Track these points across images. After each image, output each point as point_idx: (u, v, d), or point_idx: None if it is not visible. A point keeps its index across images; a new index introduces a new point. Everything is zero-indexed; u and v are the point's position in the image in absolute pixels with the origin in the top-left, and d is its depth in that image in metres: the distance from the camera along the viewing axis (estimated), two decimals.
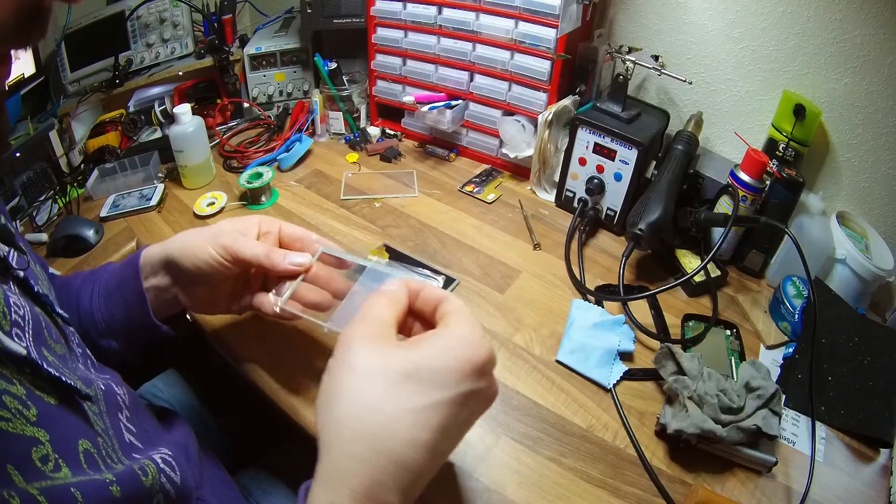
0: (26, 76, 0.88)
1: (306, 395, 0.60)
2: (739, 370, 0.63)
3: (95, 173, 0.93)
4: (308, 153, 1.01)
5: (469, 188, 0.94)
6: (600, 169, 0.83)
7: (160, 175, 0.94)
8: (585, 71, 0.91)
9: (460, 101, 0.97)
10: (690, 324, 0.72)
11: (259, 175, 0.88)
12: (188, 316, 0.69)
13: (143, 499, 0.38)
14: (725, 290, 0.78)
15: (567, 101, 0.88)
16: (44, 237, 0.82)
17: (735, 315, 0.74)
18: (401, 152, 1.03)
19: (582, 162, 0.85)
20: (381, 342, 0.36)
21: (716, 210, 0.78)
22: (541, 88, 0.89)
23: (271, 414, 0.61)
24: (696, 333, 0.69)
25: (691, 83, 0.84)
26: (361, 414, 0.33)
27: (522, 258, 0.80)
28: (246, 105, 1.12)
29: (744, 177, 0.75)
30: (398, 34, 0.98)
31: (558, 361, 0.65)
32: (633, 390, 0.63)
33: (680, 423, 0.54)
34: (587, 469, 0.55)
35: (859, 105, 0.76)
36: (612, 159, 0.81)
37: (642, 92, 0.96)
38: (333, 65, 1.01)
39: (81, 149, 0.99)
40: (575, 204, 0.88)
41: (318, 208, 0.89)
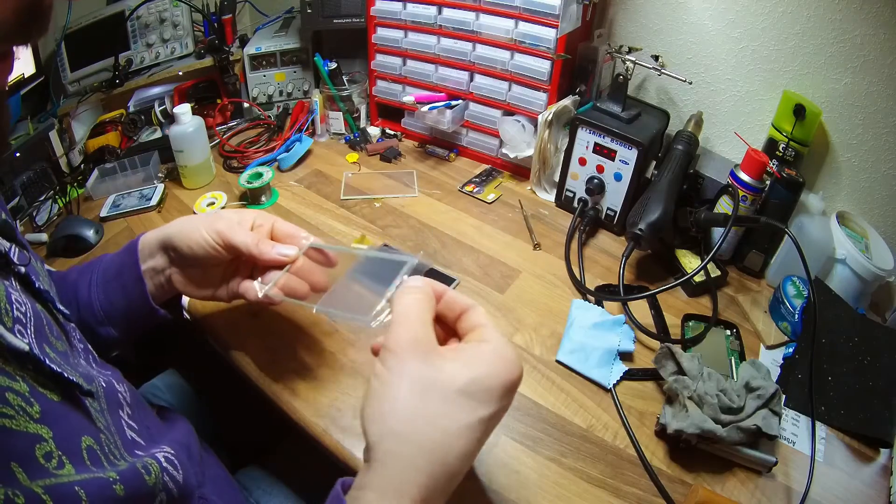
0: (26, 76, 0.88)
1: (306, 396, 0.60)
2: (739, 370, 0.63)
3: (95, 173, 0.93)
4: (308, 153, 1.01)
5: (469, 188, 0.94)
6: (600, 169, 0.83)
7: (160, 175, 0.94)
8: (585, 71, 0.91)
9: (460, 101, 0.97)
10: (690, 324, 0.72)
11: (259, 175, 0.88)
12: (187, 316, 0.69)
13: (147, 497, 0.38)
14: (725, 290, 0.78)
15: (567, 101, 0.88)
16: (44, 237, 0.82)
17: (735, 315, 0.74)
18: (401, 152, 1.03)
19: (582, 162, 0.85)
20: (430, 352, 0.37)
21: (716, 210, 0.78)
22: (541, 88, 0.89)
23: (271, 414, 0.61)
24: (696, 333, 0.69)
25: (691, 83, 0.84)
26: (422, 429, 0.34)
27: (522, 258, 0.80)
28: (246, 105, 1.12)
29: (744, 177, 0.75)
30: (398, 34, 0.98)
31: (558, 361, 0.65)
32: (633, 390, 0.63)
33: (680, 423, 0.54)
34: (587, 469, 0.55)
35: (859, 105, 0.76)
36: (612, 159, 0.81)
37: (642, 92, 0.96)
38: (333, 65, 1.01)
39: (81, 149, 0.99)
40: (575, 204, 0.88)
41: (318, 208, 0.89)
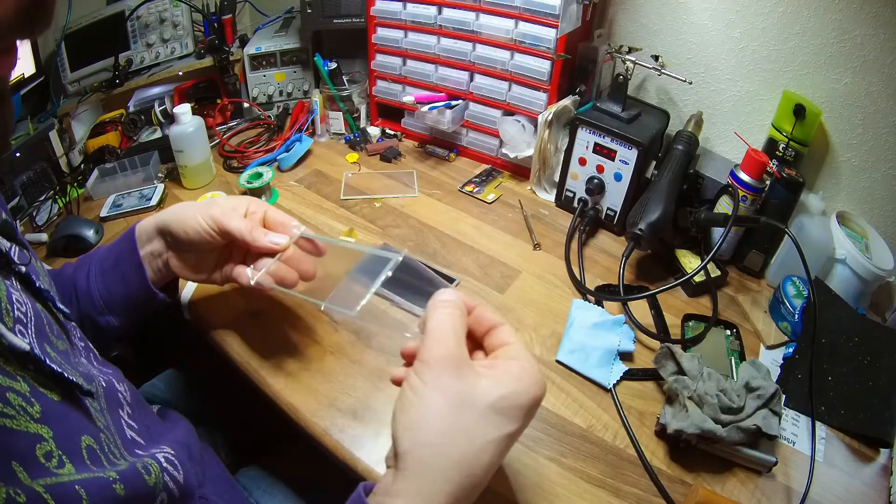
0: (26, 76, 0.88)
1: (306, 396, 0.60)
2: (739, 370, 0.63)
3: (95, 173, 0.93)
4: (308, 153, 1.01)
5: (469, 188, 0.94)
6: (600, 169, 0.83)
7: (160, 175, 0.94)
8: (585, 71, 0.91)
9: (460, 101, 0.97)
10: (690, 324, 0.72)
11: (259, 175, 0.88)
12: (187, 316, 0.69)
13: (147, 497, 0.38)
14: (725, 290, 0.78)
15: (567, 101, 0.88)
16: (44, 237, 0.82)
17: (735, 315, 0.74)
18: (401, 152, 1.03)
19: (582, 162, 0.85)
20: (464, 367, 0.38)
21: (716, 210, 0.78)
22: (541, 88, 0.89)
23: (271, 414, 0.61)
24: (696, 333, 0.69)
25: (691, 83, 0.84)
26: (455, 442, 0.36)
27: (522, 258, 0.80)
28: (246, 105, 1.12)
29: (744, 177, 0.75)
30: (398, 34, 0.98)
31: (558, 361, 0.65)
32: (633, 390, 0.63)
33: (680, 423, 0.54)
34: (587, 469, 0.55)
35: (859, 105, 0.76)
36: (612, 159, 0.81)
37: (642, 92, 0.96)
38: (333, 65, 1.01)
39: (81, 149, 0.99)
40: (575, 204, 0.88)
41: (318, 208, 0.89)
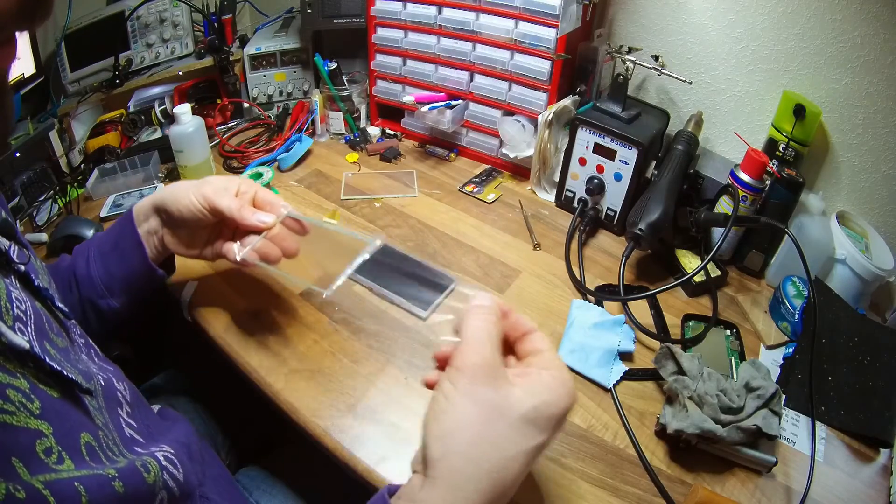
0: (26, 76, 0.88)
1: (306, 396, 0.60)
2: (739, 370, 0.63)
3: (95, 173, 0.93)
4: (308, 153, 1.01)
5: (469, 188, 0.94)
6: (600, 169, 0.83)
7: (160, 175, 0.94)
8: (585, 71, 0.91)
9: (460, 101, 0.97)
10: (690, 324, 0.72)
11: (259, 175, 0.88)
12: (187, 317, 0.69)
13: (147, 496, 0.38)
14: (725, 290, 0.78)
15: (567, 101, 0.88)
16: (44, 237, 0.82)
17: (735, 315, 0.74)
18: (401, 152, 1.03)
19: (582, 162, 0.85)
20: (498, 376, 0.38)
21: (716, 210, 0.78)
22: (541, 88, 0.89)
23: (272, 414, 0.61)
24: (696, 333, 0.69)
25: (691, 83, 0.84)
26: (487, 452, 0.36)
27: (522, 258, 0.80)
28: (246, 105, 1.12)
29: (744, 177, 0.75)
30: (398, 34, 0.98)
31: None
32: (633, 390, 0.63)
33: (680, 423, 0.54)
34: (587, 469, 0.55)
35: (859, 105, 0.76)
36: (612, 159, 0.81)
37: (642, 92, 0.96)
38: (333, 65, 1.01)
39: (81, 149, 0.99)
40: (575, 204, 0.88)
41: (318, 208, 0.89)
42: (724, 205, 0.78)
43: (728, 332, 0.71)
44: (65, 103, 1.01)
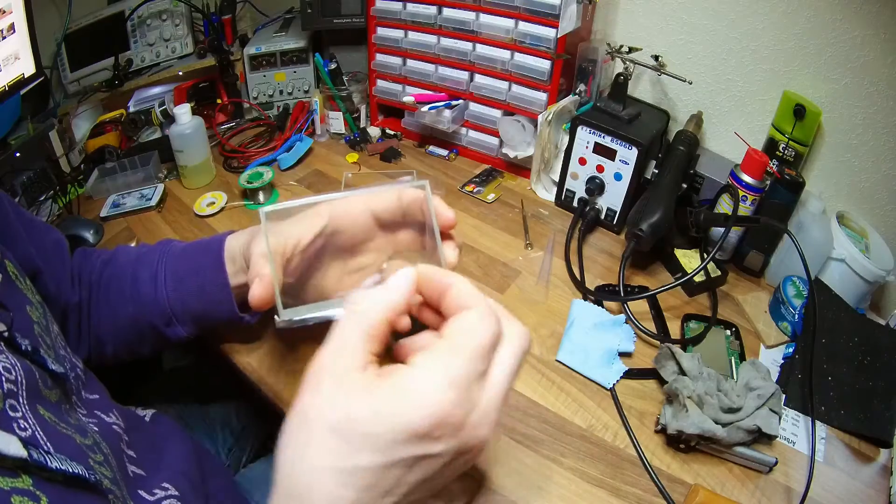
0: (26, 76, 0.88)
1: None
2: (739, 370, 0.63)
3: (95, 173, 0.93)
4: (308, 153, 1.01)
5: (469, 188, 0.94)
6: (600, 169, 0.83)
7: (160, 175, 0.94)
8: (585, 71, 0.91)
9: (460, 101, 0.97)
10: (690, 324, 0.72)
11: (259, 175, 0.88)
12: None
13: None
14: (725, 290, 0.78)
15: (567, 101, 0.88)
16: None
17: (735, 315, 0.74)
18: (401, 152, 1.03)
19: (582, 162, 0.85)
20: (335, 382, 0.29)
21: (716, 210, 0.78)
22: (541, 88, 0.89)
23: (272, 414, 0.61)
24: (696, 333, 0.69)
25: (691, 83, 0.84)
26: (289, 468, 0.29)
27: (522, 258, 0.80)
28: (246, 105, 1.12)
29: (744, 177, 0.75)
30: (398, 34, 0.98)
31: (558, 361, 0.65)
32: (633, 390, 0.63)
33: (680, 423, 0.54)
34: (587, 469, 0.55)
35: (859, 105, 0.76)
36: (612, 159, 0.81)
37: (642, 92, 0.96)
38: (333, 65, 1.01)
39: (81, 149, 0.99)
40: (575, 204, 0.88)
41: None
42: (724, 205, 0.77)
43: (728, 332, 0.71)
44: (65, 103, 1.01)
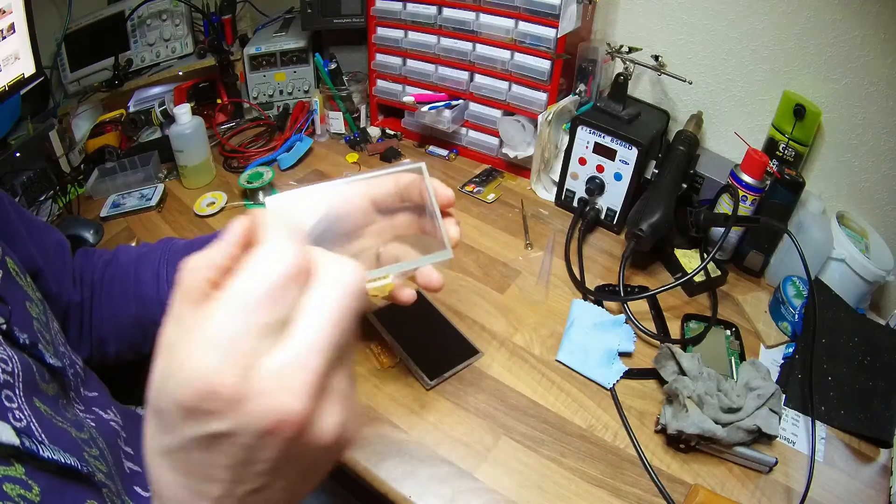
0: (26, 76, 0.88)
1: None
2: (739, 370, 0.63)
3: (95, 173, 0.93)
4: (308, 153, 1.01)
5: (469, 188, 0.94)
6: (600, 169, 0.83)
7: (160, 175, 0.94)
8: (585, 71, 0.91)
9: (460, 101, 0.97)
10: (690, 324, 0.72)
11: (259, 175, 0.88)
12: None
13: None
14: (725, 290, 0.78)
15: (567, 101, 0.88)
16: None
17: (735, 315, 0.74)
18: (401, 152, 1.03)
19: (582, 162, 0.85)
20: (160, 353, 0.24)
21: (716, 210, 0.78)
22: (541, 88, 0.89)
23: None
24: (696, 333, 0.69)
25: (691, 83, 0.84)
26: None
27: (522, 258, 0.80)
28: (246, 105, 1.12)
29: (744, 177, 0.75)
30: (398, 34, 0.98)
31: (558, 361, 0.65)
32: (633, 390, 0.63)
33: (680, 423, 0.55)
34: (587, 469, 0.55)
35: (859, 105, 0.76)
36: (612, 159, 0.81)
37: (642, 92, 0.96)
38: (333, 65, 1.01)
39: (81, 149, 0.99)
40: (575, 204, 0.88)
41: None
42: (724, 205, 0.77)
43: (728, 332, 0.71)
44: (65, 103, 1.01)
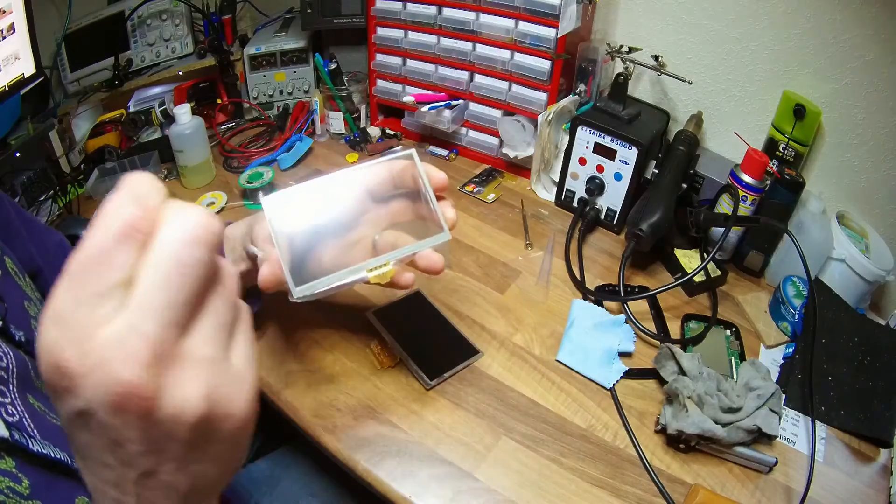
0: (26, 76, 0.88)
1: (306, 396, 0.60)
2: (739, 370, 0.63)
3: (95, 173, 0.93)
4: (308, 153, 1.01)
5: (469, 188, 0.94)
6: (600, 169, 0.83)
7: (160, 175, 0.94)
8: (585, 71, 0.91)
9: (460, 101, 0.97)
10: (690, 324, 0.72)
11: (259, 175, 0.88)
12: None
13: None
14: (725, 290, 0.78)
15: (567, 101, 0.88)
16: None
17: (735, 315, 0.74)
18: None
19: (582, 162, 0.85)
20: None
21: (716, 210, 0.78)
22: (541, 88, 0.89)
23: (271, 414, 0.61)
24: (696, 333, 0.69)
25: (691, 83, 0.84)
26: None
27: (522, 258, 0.80)
28: (246, 105, 1.12)
29: (744, 177, 0.75)
30: (398, 34, 0.98)
31: (558, 361, 0.65)
32: (633, 390, 0.63)
33: (680, 423, 0.55)
34: (587, 469, 0.55)
35: (859, 105, 0.76)
36: (612, 159, 0.81)
37: (642, 92, 0.96)
38: (333, 65, 1.01)
39: (81, 149, 0.99)
40: (575, 204, 0.88)
41: None
42: (724, 205, 0.77)
43: (728, 332, 0.71)
44: (65, 103, 1.01)
